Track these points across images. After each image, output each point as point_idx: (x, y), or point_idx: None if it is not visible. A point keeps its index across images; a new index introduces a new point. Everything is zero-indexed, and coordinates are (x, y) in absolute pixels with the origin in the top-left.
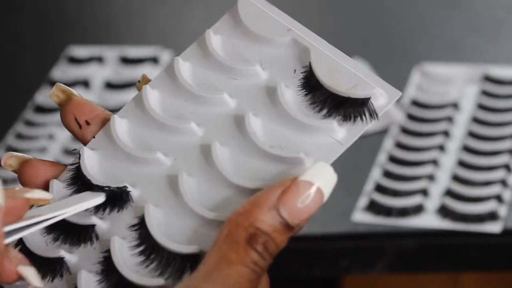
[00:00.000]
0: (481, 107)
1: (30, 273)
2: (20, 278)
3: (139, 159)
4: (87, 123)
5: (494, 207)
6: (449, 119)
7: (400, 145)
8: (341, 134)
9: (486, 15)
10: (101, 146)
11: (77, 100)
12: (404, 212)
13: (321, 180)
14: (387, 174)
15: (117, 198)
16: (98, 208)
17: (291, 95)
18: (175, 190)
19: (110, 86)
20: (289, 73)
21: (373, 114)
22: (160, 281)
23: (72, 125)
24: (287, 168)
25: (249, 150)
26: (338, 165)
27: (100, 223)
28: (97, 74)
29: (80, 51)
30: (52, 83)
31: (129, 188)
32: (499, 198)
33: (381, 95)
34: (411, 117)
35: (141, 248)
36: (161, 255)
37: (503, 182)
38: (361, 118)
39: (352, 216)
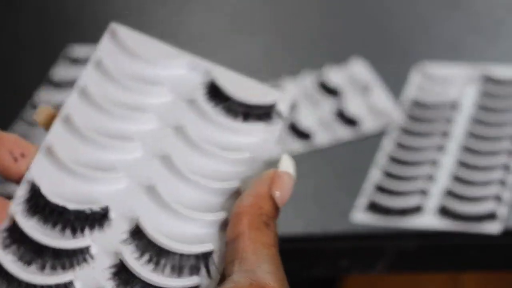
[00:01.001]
0: (481, 107)
1: None
2: None
3: (102, 179)
4: (23, 155)
5: (494, 207)
6: (449, 119)
7: (400, 145)
8: (263, 133)
9: (486, 15)
10: (44, 175)
11: (5, 135)
12: (404, 212)
13: (290, 168)
14: (387, 175)
15: (98, 219)
16: (75, 231)
17: (209, 106)
18: (155, 199)
19: None
20: (192, 91)
21: (280, 115)
22: (192, 280)
23: (5, 159)
24: (240, 165)
25: (201, 156)
26: (338, 165)
27: (92, 244)
28: None
29: (80, 51)
30: (52, 83)
31: (109, 207)
32: (498, 198)
33: (280, 101)
34: (411, 117)
35: (146, 257)
36: (172, 258)
37: (503, 182)
38: (273, 119)
39: (352, 216)
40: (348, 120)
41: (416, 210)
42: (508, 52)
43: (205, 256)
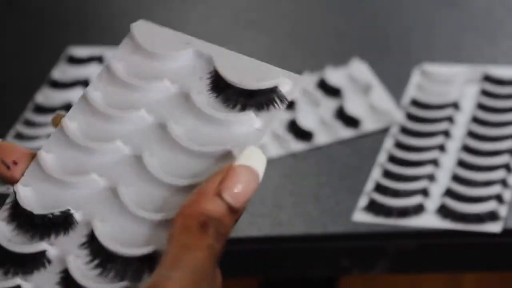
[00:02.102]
0: (481, 107)
1: None
2: None
3: (75, 184)
4: (15, 163)
5: (494, 207)
6: (449, 119)
7: (400, 145)
8: (258, 122)
9: (486, 15)
10: (32, 181)
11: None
12: (404, 212)
13: (253, 161)
14: (387, 174)
15: (61, 222)
16: (43, 235)
17: (205, 98)
18: (116, 202)
19: None
20: (196, 81)
21: (283, 99)
22: (121, 285)
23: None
24: (217, 162)
25: (177, 153)
26: (338, 165)
27: (50, 248)
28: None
29: (80, 51)
30: (52, 83)
31: (72, 211)
32: (499, 198)
33: (286, 83)
34: (411, 117)
35: (96, 262)
36: (117, 262)
37: (503, 182)
38: (273, 105)
39: (352, 216)
40: (348, 120)
41: (416, 210)
42: (508, 52)
43: (148, 258)
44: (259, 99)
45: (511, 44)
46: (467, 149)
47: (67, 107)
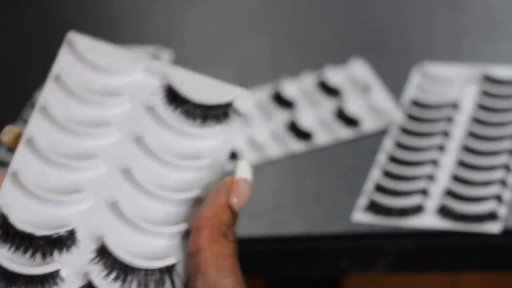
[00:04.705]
0: (481, 107)
1: None
2: None
3: (67, 202)
4: None
5: (494, 207)
6: (449, 119)
7: (400, 145)
8: (222, 135)
9: (486, 15)
10: (12, 202)
11: None
12: (404, 212)
13: (248, 174)
14: (387, 174)
15: (65, 241)
16: (45, 255)
17: (168, 112)
18: (119, 216)
19: None
20: (152, 96)
21: (238, 113)
22: None
23: None
24: (201, 173)
25: (162, 165)
26: (338, 165)
27: (61, 267)
28: None
29: None
30: None
31: (76, 229)
32: (499, 198)
33: (240, 98)
34: (411, 117)
35: (114, 275)
36: (137, 274)
37: (503, 182)
38: (232, 119)
39: (352, 216)
40: (348, 120)
41: (416, 210)
42: (508, 52)
43: (169, 269)
44: (217, 113)
45: (511, 44)
46: (467, 149)
47: None
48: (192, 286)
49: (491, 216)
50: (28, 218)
